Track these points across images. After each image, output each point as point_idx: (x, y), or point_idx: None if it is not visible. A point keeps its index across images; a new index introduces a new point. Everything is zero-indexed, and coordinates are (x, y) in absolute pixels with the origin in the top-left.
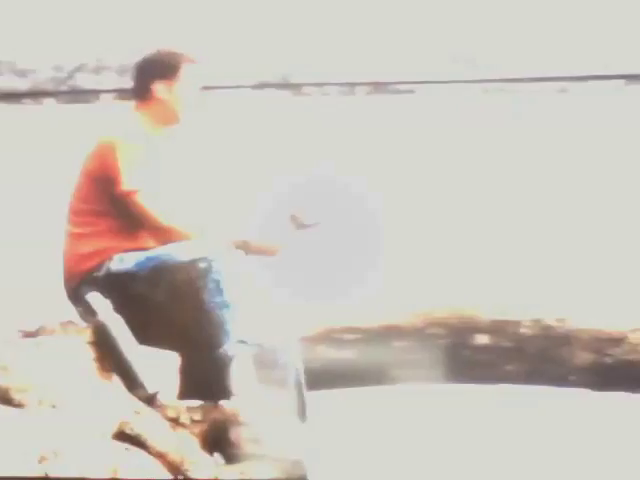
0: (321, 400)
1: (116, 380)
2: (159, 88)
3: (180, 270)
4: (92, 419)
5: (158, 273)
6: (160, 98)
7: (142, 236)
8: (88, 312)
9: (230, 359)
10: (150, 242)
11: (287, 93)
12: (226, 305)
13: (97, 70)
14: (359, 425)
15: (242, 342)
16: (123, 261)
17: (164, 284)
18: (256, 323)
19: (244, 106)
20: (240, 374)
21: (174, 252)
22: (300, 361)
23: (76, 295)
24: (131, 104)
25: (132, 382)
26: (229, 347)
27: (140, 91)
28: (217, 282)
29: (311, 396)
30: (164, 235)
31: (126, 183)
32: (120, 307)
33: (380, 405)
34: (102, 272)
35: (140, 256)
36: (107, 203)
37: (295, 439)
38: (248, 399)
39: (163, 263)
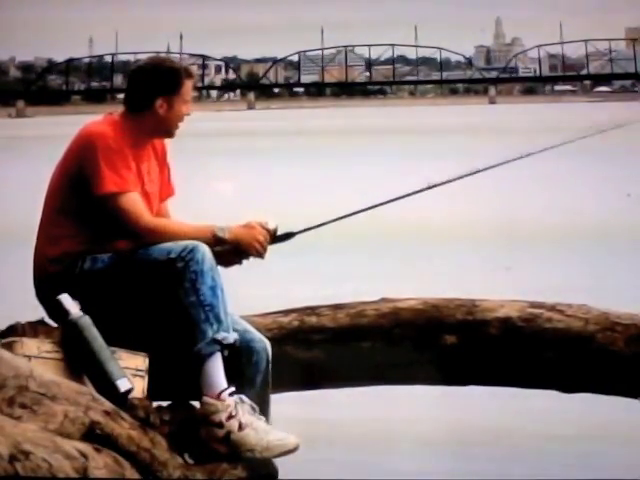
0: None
1: (86, 380)
2: (160, 103)
3: (156, 269)
4: (62, 419)
5: (132, 272)
6: (159, 112)
7: (115, 240)
8: (58, 312)
9: (203, 359)
10: (123, 245)
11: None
12: (201, 304)
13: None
14: (327, 425)
15: (216, 341)
16: (96, 261)
17: (138, 283)
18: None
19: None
20: (213, 373)
21: (150, 252)
22: (269, 360)
23: (46, 295)
24: (120, 109)
25: (102, 382)
26: (203, 346)
27: (137, 102)
28: (193, 282)
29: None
30: (146, 238)
31: (107, 185)
32: (91, 307)
33: (349, 405)
34: (73, 272)
35: (114, 255)
36: (82, 203)
37: (266, 438)
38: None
39: (138, 262)
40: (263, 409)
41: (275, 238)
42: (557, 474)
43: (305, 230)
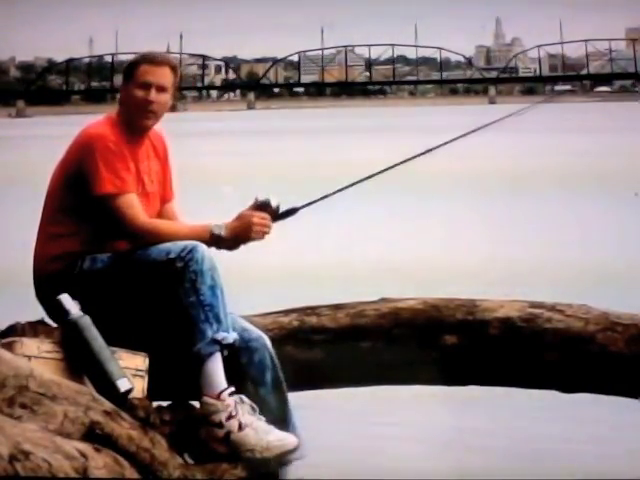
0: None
1: (86, 380)
2: (121, 91)
3: (155, 269)
4: (62, 419)
5: (132, 272)
6: (121, 100)
7: (114, 240)
8: (58, 312)
9: (203, 358)
10: (122, 246)
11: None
12: (201, 304)
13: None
14: (327, 424)
15: (216, 341)
16: (95, 261)
17: (138, 283)
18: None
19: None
20: (212, 373)
21: (149, 252)
22: (274, 356)
23: (46, 295)
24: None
25: (102, 382)
26: (202, 346)
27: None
28: (192, 282)
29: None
30: (143, 238)
31: (105, 186)
32: (91, 307)
33: (350, 406)
34: (73, 272)
35: (113, 255)
36: (81, 203)
37: (266, 438)
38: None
39: (137, 262)
40: (282, 409)
41: (278, 215)
42: (557, 474)
43: (308, 204)
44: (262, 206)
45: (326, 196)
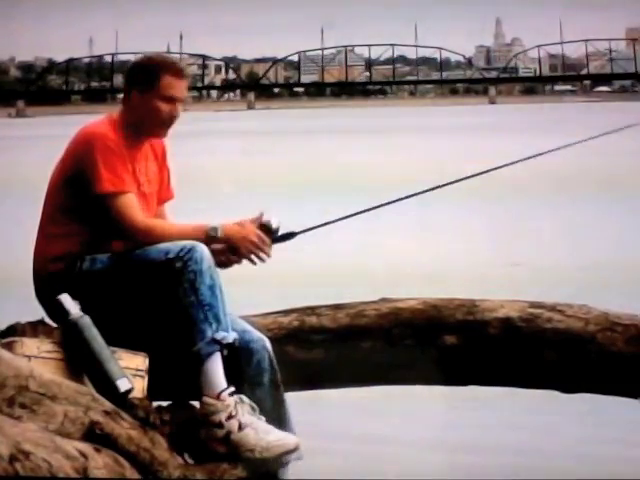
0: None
1: (86, 380)
2: (134, 96)
3: (154, 269)
4: (62, 419)
5: (131, 272)
6: (134, 107)
7: (113, 240)
8: (58, 312)
9: (203, 358)
10: (120, 246)
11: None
12: (200, 304)
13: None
14: (328, 425)
15: (216, 341)
16: (95, 261)
17: (137, 283)
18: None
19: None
20: (212, 373)
21: (148, 252)
22: (272, 358)
23: (46, 295)
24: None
25: (102, 382)
26: (202, 346)
27: (123, 96)
28: (192, 282)
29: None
30: (140, 238)
31: (104, 185)
32: (91, 307)
33: (349, 405)
34: (72, 272)
35: (112, 256)
36: (81, 203)
37: (266, 438)
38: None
39: (137, 262)
40: (279, 411)
41: (275, 238)
42: (557, 474)
43: (307, 230)
44: (263, 227)
45: (327, 223)
